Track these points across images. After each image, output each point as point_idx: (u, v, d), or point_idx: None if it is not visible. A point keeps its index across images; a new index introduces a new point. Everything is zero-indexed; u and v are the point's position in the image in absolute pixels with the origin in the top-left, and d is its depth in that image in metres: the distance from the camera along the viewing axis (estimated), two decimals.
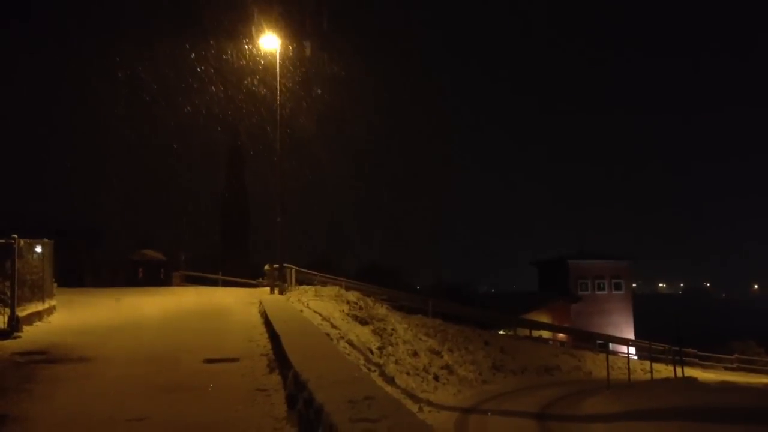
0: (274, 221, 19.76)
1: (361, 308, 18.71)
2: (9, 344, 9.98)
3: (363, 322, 17.08)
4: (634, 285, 50.07)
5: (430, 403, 13.32)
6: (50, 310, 13.27)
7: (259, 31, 19.19)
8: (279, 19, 19.43)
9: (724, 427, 11.04)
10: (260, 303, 14.78)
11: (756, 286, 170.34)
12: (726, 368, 32.34)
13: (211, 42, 29.60)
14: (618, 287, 44.39)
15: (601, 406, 13.75)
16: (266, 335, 10.66)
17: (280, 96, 19.11)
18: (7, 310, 10.85)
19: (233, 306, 16.65)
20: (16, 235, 11.15)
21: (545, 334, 33.04)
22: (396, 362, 15.31)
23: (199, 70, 32.19)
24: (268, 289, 19.85)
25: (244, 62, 23.50)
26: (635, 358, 29.83)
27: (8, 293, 10.96)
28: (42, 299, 12.79)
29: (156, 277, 26.79)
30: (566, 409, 14.03)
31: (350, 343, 14.14)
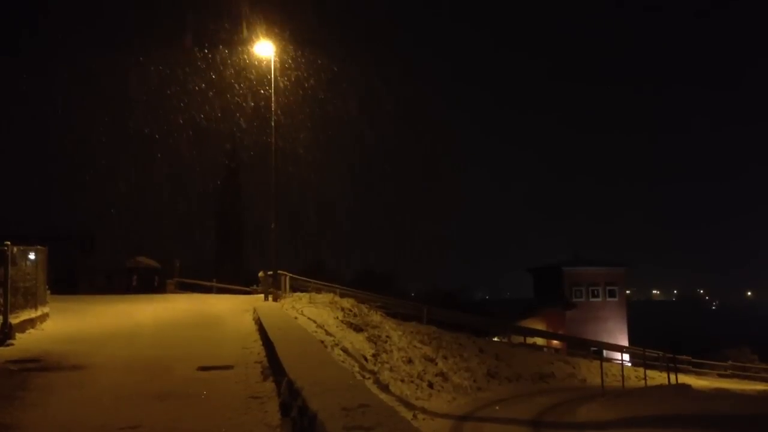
0: (269, 228, 19.80)
1: (355, 315, 18.67)
2: (1, 352, 9.91)
3: (357, 330, 17.04)
4: (628, 292, 50.19)
5: (424, 411, 13.29)
6: (43, 318, 13.19)
7: (255, 37, 19.28)
8: (275, 26, 19.54)
9: None
10: (254, 310, 14.74)
11: (749, 293, 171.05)
12: (720, 375, 32.35)
13: (206, 51, 29.69)
14: (612, 294, 44.48)
15: (596, 413, 13.77)
16: (260, 342, 10.63)
17: (274, 103, 19.15)
18: (0, 317, 10.78)
19: (227, 313, 16.59)
20: (8, 242, 11.10)
21: (540, 341, 33.02)
22: (390, 369, 15.28)
23: (194, 78, 32.27)
24: (262, 296, 19.81)
25: (239, 70, 23.57)
26: (629, 365, 29.86)
27: (1, 300, 10.89)
28: (35, 306, 12.71)
29: (150, 284, 26.67)
30: (561, 416, 14.03)
31: (345, 350, 14.10)
